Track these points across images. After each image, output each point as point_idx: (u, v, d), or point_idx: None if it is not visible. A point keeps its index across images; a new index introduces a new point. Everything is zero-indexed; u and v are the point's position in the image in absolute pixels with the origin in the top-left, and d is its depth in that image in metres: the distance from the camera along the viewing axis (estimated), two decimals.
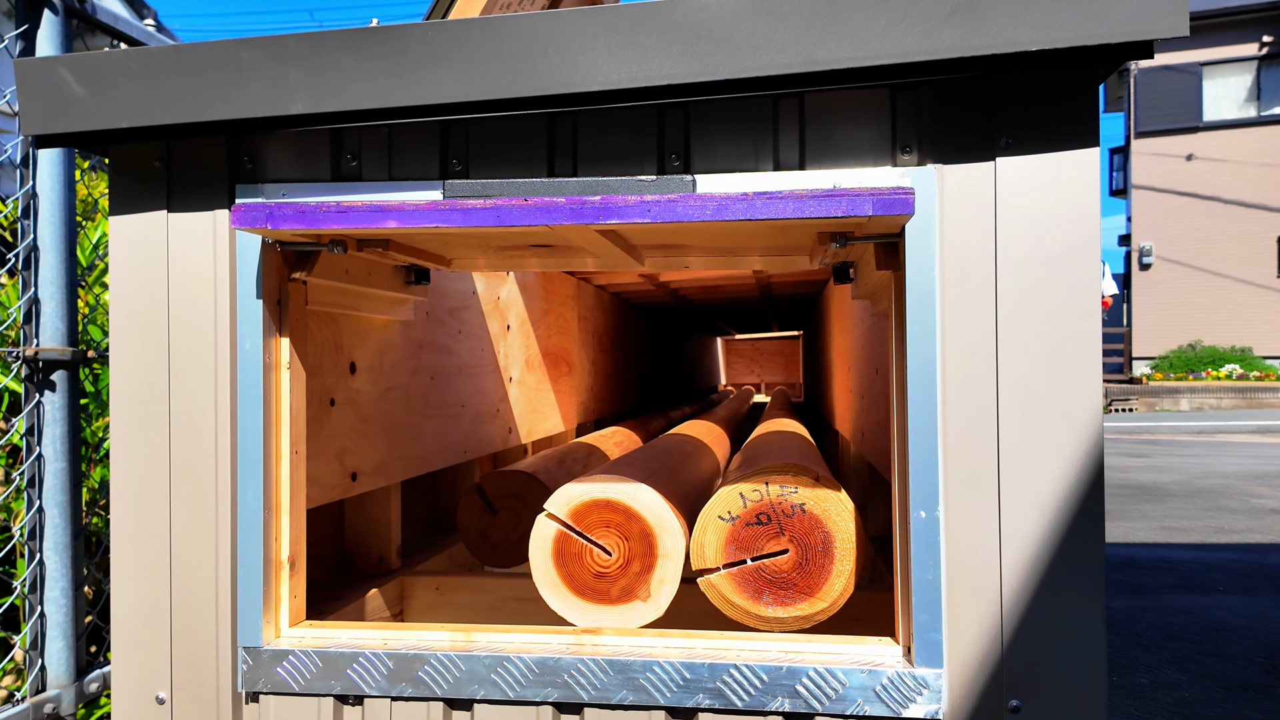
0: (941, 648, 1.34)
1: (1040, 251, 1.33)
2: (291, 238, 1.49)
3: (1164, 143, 19.55)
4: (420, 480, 2.72)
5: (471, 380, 2.62)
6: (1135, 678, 2.87)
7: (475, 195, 1.40)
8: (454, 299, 2.50)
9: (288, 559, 1.54)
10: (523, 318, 3.11)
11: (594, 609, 1.60)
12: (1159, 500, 6.21)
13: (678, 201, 1.29)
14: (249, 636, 1.48)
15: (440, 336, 2.40)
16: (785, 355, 13.62)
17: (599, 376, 4.46)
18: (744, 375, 13.85)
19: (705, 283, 4.36)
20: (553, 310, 3.53)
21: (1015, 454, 1.34)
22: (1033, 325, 1.33)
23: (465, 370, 2.57)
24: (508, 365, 2.94)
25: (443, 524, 2.82)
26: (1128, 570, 4.25)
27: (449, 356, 2.46)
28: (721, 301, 5.58)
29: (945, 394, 1.35)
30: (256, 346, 1.48)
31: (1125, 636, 3.25)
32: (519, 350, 3.06)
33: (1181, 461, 8.54)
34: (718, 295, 5.10)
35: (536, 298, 3.29)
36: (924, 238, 1.34)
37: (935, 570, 1.34)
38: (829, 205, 1.25)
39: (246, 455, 1.48)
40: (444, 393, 2.42)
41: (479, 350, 2.68)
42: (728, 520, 1.61)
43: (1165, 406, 16.35)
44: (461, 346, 2.55)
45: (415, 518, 2.69)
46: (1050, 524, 1.33)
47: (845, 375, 3.29)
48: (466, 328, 2.58)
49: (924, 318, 1.35)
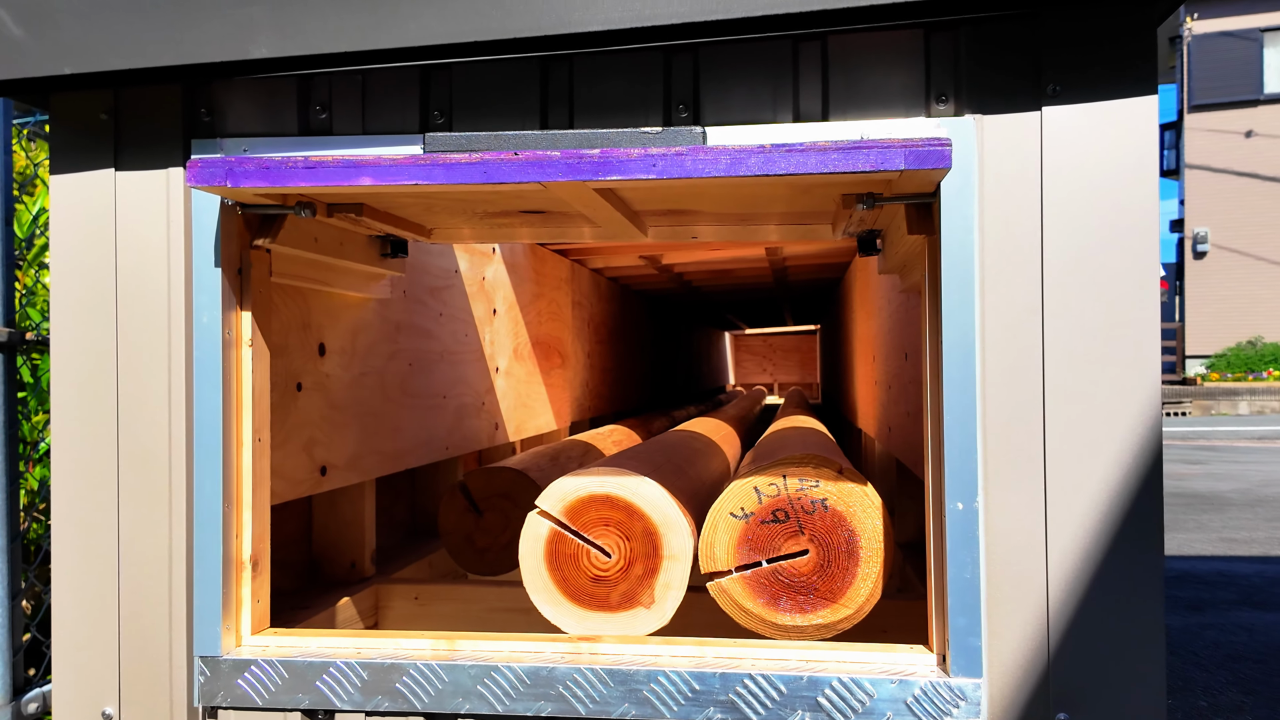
0: (981, 655, 1.33)
1: (1092, 211, 1.32)
2: (254, 199, 1.48)
3: (1221, 117, 19.56)
4: (397, 479, 2.71)
5: (454, 368, 2.61)
6: (1194, 700, 2.87)
7: (459, 149, 1.39)
8: (435, 277, 2.49)
9: (250, 559, 1.53)
10: (511, 301, 3.10)
11: (592, 617, 1.59)
12: (1218, 510, 6.21)
13: (686, 155, 1.28)
14: (206, 645, 1.47)
15: (420, 318, 2.39)
16: (801, 352, 13.63)
17: (595, 370, 4.46)
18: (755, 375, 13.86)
19: (713, 266, 4.35)
20: (544, 294, 3.52)
21: (1063, 439, 1.33)
22: (1083, 295, 1.32)
23: (447, 357, 2.57)
24: (494, 353, 2.93)
25: (422, 529, 2.81)
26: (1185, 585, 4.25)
27: (430, 341, 2.45)
28: (731, 289, 5.58)
29: (985, 372, 1.35)
30: (215, 321, 1.47)
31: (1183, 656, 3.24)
32: (507, 337, 3.05)
33: (1242, 469, 8.55)
34: (727, 281, 5.10)
35: (526, 280, 3.29)
36: (961, 197, 1.33)
37: (974, 568, 1.33)
38: (856, 158, 1.24)
39: (204, 442, 1.47)
40: (424, 381, 2.42)
41: (463, 335, 2.68)
42: (740, 518, 1.60)
43: (1222, 410, 16.36)
44: (443, 330, 2.54)
45: (392, 522, 2.68)
46: (1102, 517, 1.32)
47: (869, 366, 3.28)
48: (449, 310, 2.57)
49: (961, 287, 1.34)
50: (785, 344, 13.76)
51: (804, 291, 5.79)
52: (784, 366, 13.82)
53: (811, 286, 5.41)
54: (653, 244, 3.43)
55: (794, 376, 13.69)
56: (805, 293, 5.89)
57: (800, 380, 13.51)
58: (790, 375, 13.74)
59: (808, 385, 13.32)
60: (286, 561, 2.10)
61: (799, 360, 13.72)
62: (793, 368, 13.76)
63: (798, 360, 13.73)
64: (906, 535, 2.61)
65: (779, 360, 13.87)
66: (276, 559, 2.02)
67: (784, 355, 13.84)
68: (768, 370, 13.85)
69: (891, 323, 2.56)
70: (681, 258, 3.97)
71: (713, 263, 4.23)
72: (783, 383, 13.72)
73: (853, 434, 4.35)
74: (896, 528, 2.62)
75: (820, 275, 4.74)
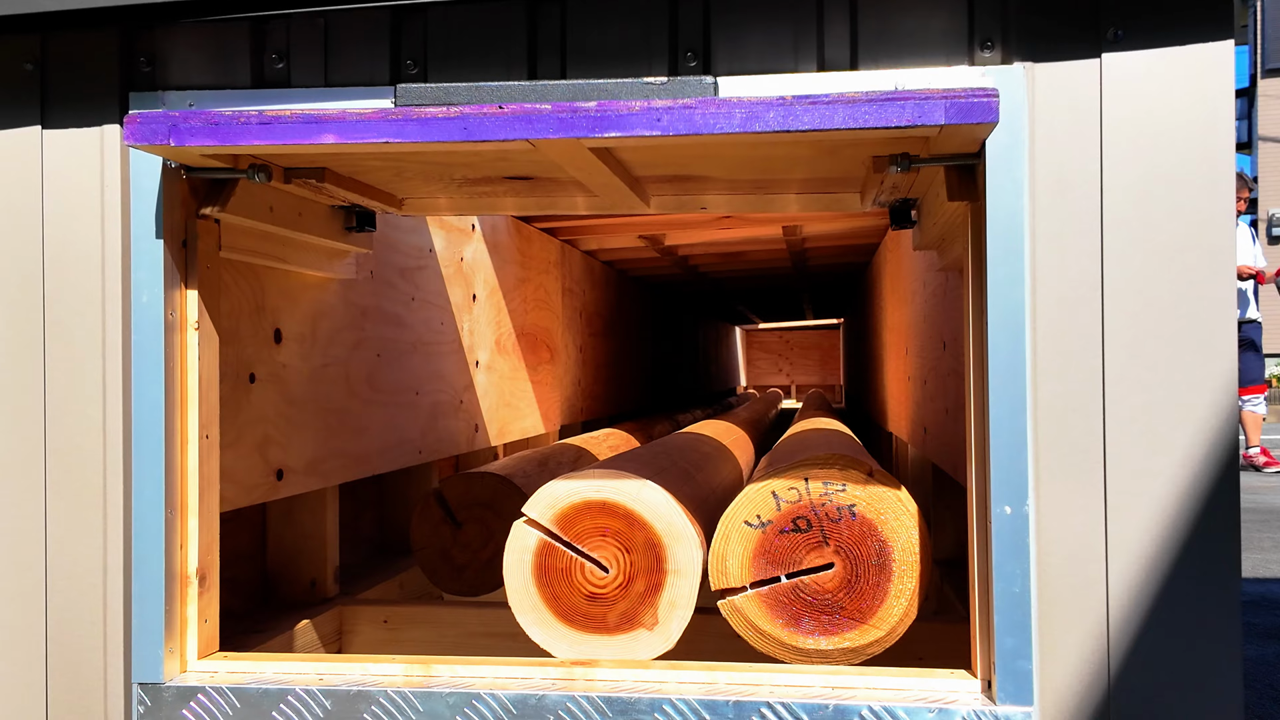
0: (1031, 680, 1.33)
1: (1159, 172, 1.31)
2: (201, 160, 1.48)
3: None
4: (364, 487, 2.71)
5: (428, 361, 2.61)
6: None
7: (436, 103, 1.38)
8: (406, 256, 2.48)
9: (196, 572, 1.52)
10: (493, 286, 3.10)
11: (587, 640, 1.59)
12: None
13: (695, 108, 1.28)
14: (147, 670, 1.46)
15: (389, 303, 2.39)
16: (822, 350, 13.64)
17: (588, 367, 4.46)
18: (770, 375, 13.87)
19: (723, 248, 4.35)
20: (531, 279, 3.52)
21: (1126, 433, 1.33)
22: (1149, 267, 1.32)
23: (421, 348, 2.56)
24: (474, 345, 2.93)
25: (392, 545, 2.81)
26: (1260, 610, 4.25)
27: (400, 329, 2.45)
28: (743, 275, 5.58)
29: (1036, 358, 1.34)
30: (156, 300, 1.47)
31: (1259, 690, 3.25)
32: (488, 327, 3.05)
33: None
34: (739, 266, 5.10)
35: (510, 262, 3.29)
36: (1010, 156, 1.33)
37: (1023, 581, 1.33)
38: (889, 111, 1.24)
39: (144, 439, 1.47)
40: (394, 374, 2.41)
41: (438, 324, 2.67)
42: (756, 527, 1.60)
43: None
44: (416, 317, 2.54)
45: (358, 537, 2.68)
46: (1170, 523, 1.32)
47: (901, 359, 3.28)
48: (422, 294, 2.57)
49: (1009, 261, 1.34)
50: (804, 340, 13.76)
51: (826, 279, 5.79)
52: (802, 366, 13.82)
53: (835, 273, 5.41)
54: (654, 220, 3.43)
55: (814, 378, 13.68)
56: (827, 280, 5.88)
57: (821, 382, 13.52)
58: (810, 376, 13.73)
59: (829, 388, 13.32)
60: (237, 579, 2.10)
61: (820, 359, 13.71)
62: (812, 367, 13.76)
63: (818, 359, 13.73)
64: (945, 551, 2.61)
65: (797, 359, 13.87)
66: (226, 576, 2.02)
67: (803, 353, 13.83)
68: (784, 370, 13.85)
69: (928, 308, 2.56)
70: (687, 238, 3.97)
71: (722, 244, 4.22)
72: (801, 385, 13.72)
73: (882, 439, 4.36)
74: (934, 541, 2.61)
75: (844, 259, 4.74)
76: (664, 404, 6.64)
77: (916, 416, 2.84)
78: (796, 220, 3.45)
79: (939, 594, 2.43)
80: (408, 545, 2.68)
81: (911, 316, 2.95)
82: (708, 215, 3.31)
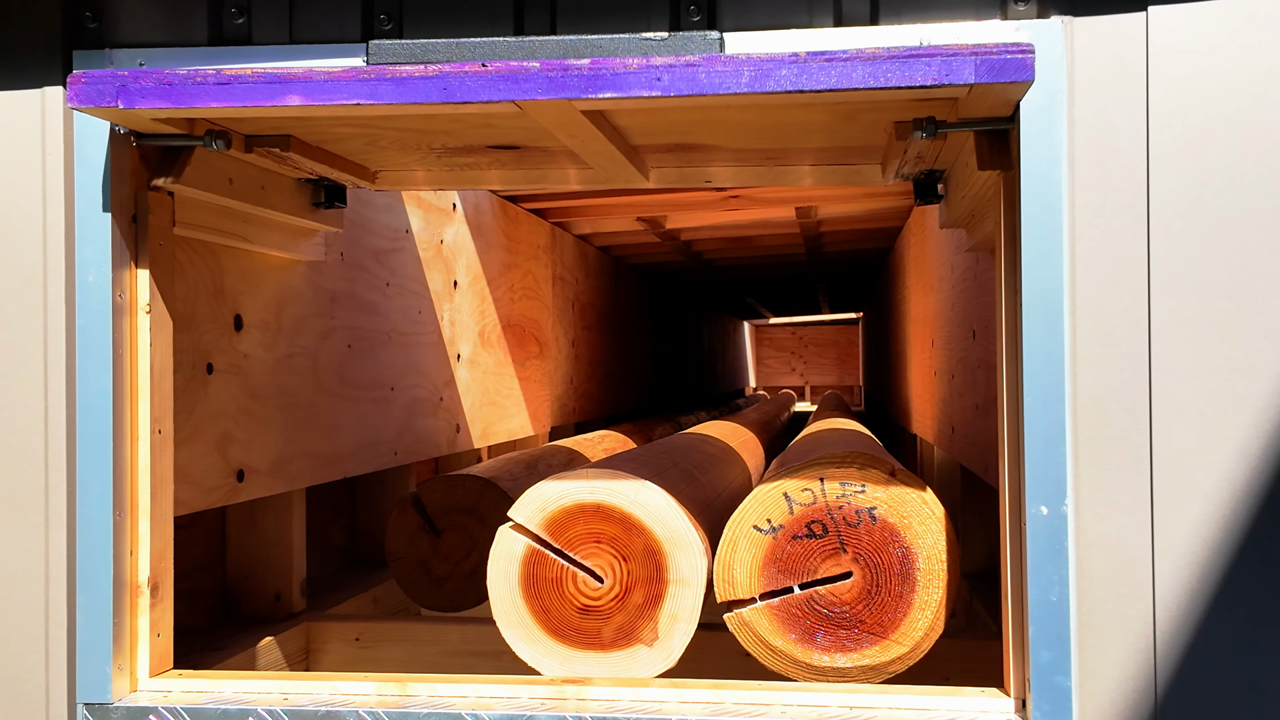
0: (1070, 699, 1.32)
1: (1211, 136, 1.31)
2: (152, 125, 1.47)
3: None
4: (334, 492, 2.71)
5: (405, 353, 2.61)
6: None
7: (413, 61, 1.38)
8: (381, 237, 2.48)
9: (148, 581, 1.52)
10: (476, 272, 3.10)
11: (579, 657, 1.58)
12: None
13: (699, 66, 1.27)
14: (93, 689, 1.45)
15: (362, 288, 2.39)
16: (838, 347, 13.67)
17: (582, 364, 4.46)
18: (781, 375, 13.90)
19: (730, 231, 4.36)
20: (518, 265, 3.52)
21: (1175, 425, 1.32)
22: (1200, 242, 1.31)
23: (397, 338, 2.56)
24: (455, 336, 2.93)
25: (365, 557, 2.81)
26: None
27: (374, 317, 2.45)
28: (752, 263, 5.58)
29: (1076, 343, 1.34)
30: (103, 280, 1.46)
31: None
32: (471, 317, 3.05)
33: None
34: (747, 254, 5.10)
35: (496, 246, 3.28)
36: (1047, 119, 1.33)
37: (1061, 588, 1.32)
38: (914, 69, 1.23)
39: (89, 433, 1.46)
40: (367, 367, 2.41)
41: (415, 312, 2.67)
42: (767, 532, 1.60)
43: None
44: (391, 305, 2.53)
45: (327, 547, 2.68)
46: (1225, 523, 1.31)
47: (927, 353, 3.28)
48: (398, 279, 2.57)
49: (1046, 236, 1.34)
50: (819, 337, 13.77)
51: (843, 267, 5.79)
52: (817, 365, 13.83)
53: (853, 260, 5.41)
54: (654, 200, 3.43)
55: (830, 378, 13.69)
56: (845, 269, 5.88)
57: (838, 383, 13.53)
58: (825, 376, 13.75)
59: (846, 389, 13.34)
60: (193, 592, 2.09)
61: (836, 357, 13.72)
62: (828, 367, 13.77)
63: (835, 357, 13.74)
64: (975, 563, 2.61)
65: (811, 358, 13.88)
66: (181, 589, 2.01)
67: (818, 351, 13.84)
68: (797, 370, 13.86)
69: (955, 294, 2.56)
70: (690, 220, 3.97)
71: (729, 227, 4.22)
72: (816, 386, 13.73)
73: (905, 442, 4.36)
74: (962, 551, 2.62)
75: (864, 244, 4.74)
76: (665, 405, 6.65)
77: (943, 415, 2.84)
78: (811, 200, 3.46)
79: (968, 610, 2.43)
80: (382, 557, 2.68)
81: (938, 304, 2.94)
82: (713, 195, 3.32)
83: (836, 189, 3.23)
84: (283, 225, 1.96)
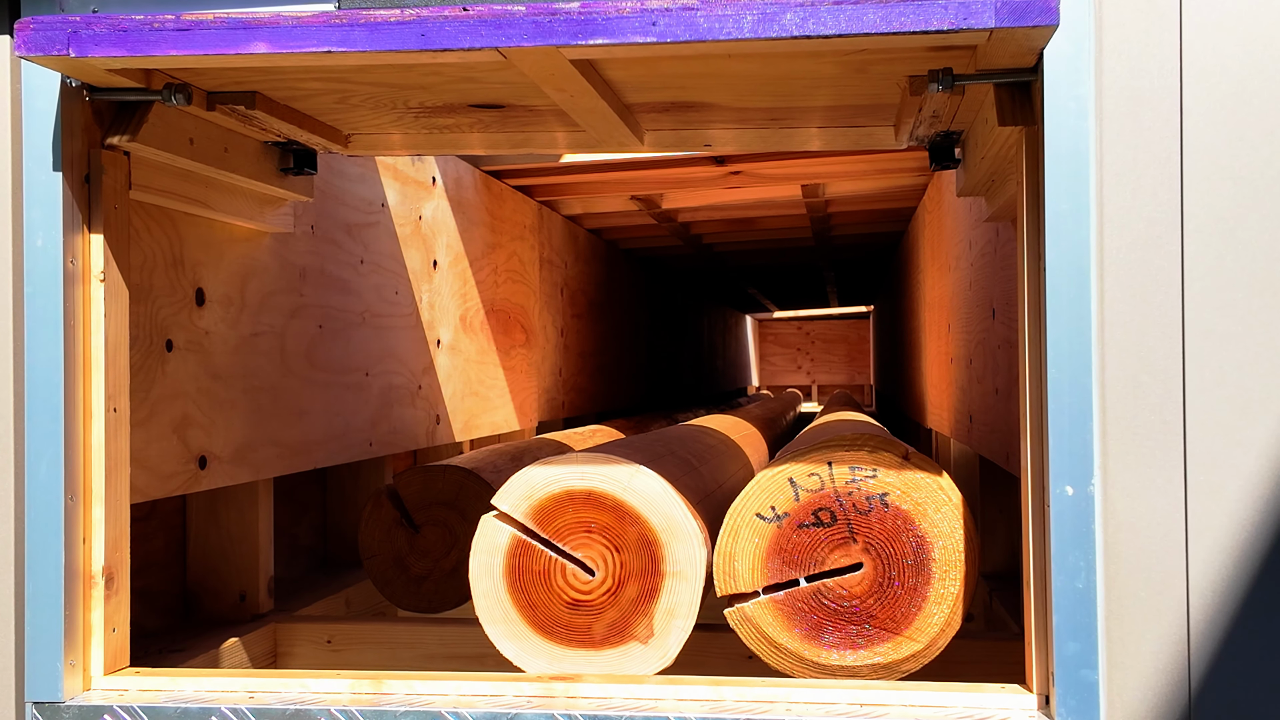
0: (1098, 694, 1.32)
1: (1250, 85, 1.30)
2: (107, 78, 1.47)
3: None
4: (303, 486, 2.71)
5: (380, 336, 2.60)
6: None
7: (388, 4, 1.37)
8: (354, 209, 2.48)
9: (103, 571, 1.51)
10: (457, 251, 3.10)
11: (568, 655, 1.58)
12: None
13: (698, 9, 1.27)
14: (43, 687, 1.45)
15: (333, 264, 2.38)
16: (848, 343, 13.67)
17: (571, 355, 4.46)
18: (786, 374, 13.90)
19: (732, 212, 4.36)
20: (502, 245, 3.51)
21: (1211, 399, 1.32)
22: (1238, 200, 1.31)
23: (371, 319, 2.56)
24: (435, 320, 2.93)
25: (337, 557, 2.81)
26: None
27: (346, 296, 2.44)
28: (755, 249, 5.59)
29: (1104, 311, 1.33)
30: (54, 244, 1.46)
31: None
32: (451, 299, 3.05)
33: None
34: (750, 238, 5.10)
35: (478, 224, 3.28)
36: (1072, 69, 1.32)
37: (1088, 575, 1.32)
38: (930, 11, 1.23)
39: (38, 410, 1.45)
40: (339, 349, 2.41)
41: (391, 292, 2.67)
42: (771, 520, 1.60)
43: None
44: (365, 283, 2.53)
45: (296, 546, 2.67)
46: (1264, 505, 1.31)
47: (943, 340, 3.29)
48: (372, 256, 2.56)
49: (1072, 194, 1.33)
50: (827, 332, 13.77)
51: (853, 253, 5.79)
52: (825, 363, 13.83)
53: (863, 246, 5.42)
54: (649, 176, 3.44)
55: (839, 376, 13.69)
56: (855, 255, 5.89)
57: (847, 382, 13.53)
58: (834, 375, 13.74)
59: (857, 388, 13.34)
60: (151, 590, 2.09)
61: (845, 354, 13.72)
62: (837, 364, 13.76)
63: (844, 354, 13.73)
64: (995, 562, 2.61)
65: (818, 354, 13.87)
66: (138, 587, 2.01)
67: (825, 347, 13.84)
68: (803, 367, 13.86)
69: (974, 272, 2.56)
70: (688, 199, 3.97)
71: (730, 207, 4.22)
72: (823, 385, 13.73)
73: (919, 438, 4.37)
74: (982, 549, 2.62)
75: (875, 227, 4.74)
76: (661, 403, 6.65)
77: (960, 404, 2.85)
78: (818, 177, 3.46)
79: (987, 610, 2.43)
80: (355, 559, 2.68)
81: (956, 285, 2.95)
82: (712, 171, 3.32)
83: (846, 163, 3.24)
84: (247, 192, 1.96)
